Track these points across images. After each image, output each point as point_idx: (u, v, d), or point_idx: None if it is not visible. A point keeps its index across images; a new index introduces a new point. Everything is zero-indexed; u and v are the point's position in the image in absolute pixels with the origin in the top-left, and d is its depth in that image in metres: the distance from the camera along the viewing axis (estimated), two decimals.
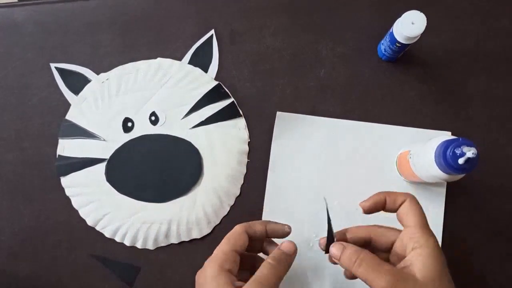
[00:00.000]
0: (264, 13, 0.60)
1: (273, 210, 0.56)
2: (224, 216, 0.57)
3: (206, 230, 0.56)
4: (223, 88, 0.58)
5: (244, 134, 0.58)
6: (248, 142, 0.58)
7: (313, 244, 0.55)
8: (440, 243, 0.55)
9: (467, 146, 0.41)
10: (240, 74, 0.59)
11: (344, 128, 0.57)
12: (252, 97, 0.58)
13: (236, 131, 0.58)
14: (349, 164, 0.57)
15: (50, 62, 0.59)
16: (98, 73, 0.59)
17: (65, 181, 0.58)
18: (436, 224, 0.55)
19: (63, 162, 0.58)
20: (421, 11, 0.49)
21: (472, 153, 0.40)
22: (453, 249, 0.55)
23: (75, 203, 0.57)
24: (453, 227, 0.56)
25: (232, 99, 0.58)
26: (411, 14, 0.49)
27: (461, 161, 0.41)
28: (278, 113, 0.57)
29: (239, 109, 0.58)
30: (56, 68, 0.59)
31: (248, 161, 0.57)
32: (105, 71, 0.59)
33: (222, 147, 0.57)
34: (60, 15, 0.60)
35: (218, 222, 0.57)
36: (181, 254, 0.57)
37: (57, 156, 0.58)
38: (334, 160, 0.57)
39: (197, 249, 0.57)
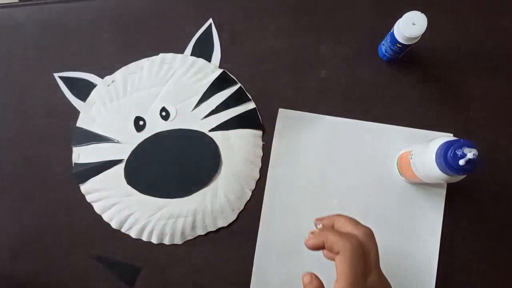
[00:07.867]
0: (265, 13, 0.59)
1: (272, 207, 0.56)
2: (247, 201, 0.57)
3: (231, 218, 0.57)
4: (229, 75, 0.58)
5: (256, 116, 0.58)
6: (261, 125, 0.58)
7: None
8: (438, 244, 0.55)
9: (468, 147, 0.41)
10: (240, 75, 0.59)
11: (346, 127, 0.57)
12: (252, 98, 0.58)
13: (248, 115, 0.58)
14: (349, 162, 0.56)
15: (51, 63, 0.60)
16: (102, 77, 0.59)
17: (84, 188, 0.58)
18: (435, 225, 0.55)
19: (80, 169, 0.58)
20: (421, 12, 0.49)
21: (473, 154, 0.40)
22: (452, 250, 0.55)
23: (97, 208, 0.57)
24: (452, 228, 0.55)
25: (239, 85, 0.58)
26: (412, 14, 0.49)
27: (461, 162, 0.41)
28: (280, 110, 0.57)
29: (247, 93, 0.58)
30: (60, 77, 0.59)
31: (263, 144, 0.57)
32: (108, 71, 0.59)
33: (236, 133, 0.57)
34: (60, 15, 0.60)
35: (242, 207, 0.57)
36: (181, 254, 0.57)
37: (73, 165, 0.58)
38: (334, 158, 0.56)
39: (198, 249, 0.57)
